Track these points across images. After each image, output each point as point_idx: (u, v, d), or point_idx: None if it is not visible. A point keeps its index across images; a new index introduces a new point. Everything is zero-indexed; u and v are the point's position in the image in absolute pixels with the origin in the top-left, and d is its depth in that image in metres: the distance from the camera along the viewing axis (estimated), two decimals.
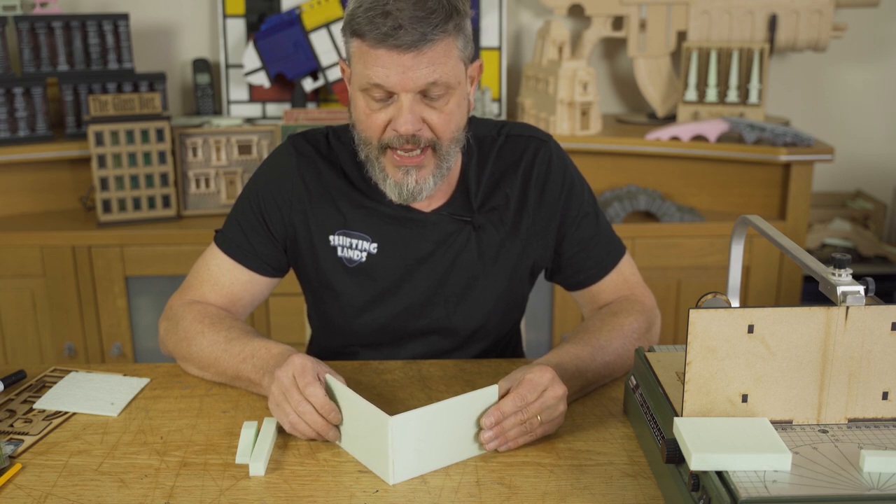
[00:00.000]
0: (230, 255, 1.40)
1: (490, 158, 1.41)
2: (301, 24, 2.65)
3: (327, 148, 1.41)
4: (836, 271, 0.99)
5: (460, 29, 1.24)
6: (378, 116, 1.25)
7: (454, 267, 1.40)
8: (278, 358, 1.21)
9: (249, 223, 1.40)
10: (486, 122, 1.45)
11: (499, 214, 1.40)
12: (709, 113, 2.67)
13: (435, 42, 1.20)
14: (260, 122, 2.75)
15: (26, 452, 1.14)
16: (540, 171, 1.41)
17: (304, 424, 1.13)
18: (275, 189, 1.40)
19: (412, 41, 1.18)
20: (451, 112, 1.26)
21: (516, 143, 1.43)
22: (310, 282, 1.45)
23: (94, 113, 2.43)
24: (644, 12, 2.75)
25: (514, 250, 1.41)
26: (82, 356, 2.50)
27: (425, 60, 1.20)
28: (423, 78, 1.21)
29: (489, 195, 1.40)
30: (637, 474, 1.08)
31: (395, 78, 1.21)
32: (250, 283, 1.42)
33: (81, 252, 2.42)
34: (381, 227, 1.38)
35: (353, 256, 1.39)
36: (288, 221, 1.40)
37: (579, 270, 1.45)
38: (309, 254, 1.41)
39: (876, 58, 3.01)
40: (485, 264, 1.40)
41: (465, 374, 1.36)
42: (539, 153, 1.42)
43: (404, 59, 1.20)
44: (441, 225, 1.39)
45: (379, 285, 1.39)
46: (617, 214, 2.50)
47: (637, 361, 1.19)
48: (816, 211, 2.95)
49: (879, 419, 1.02)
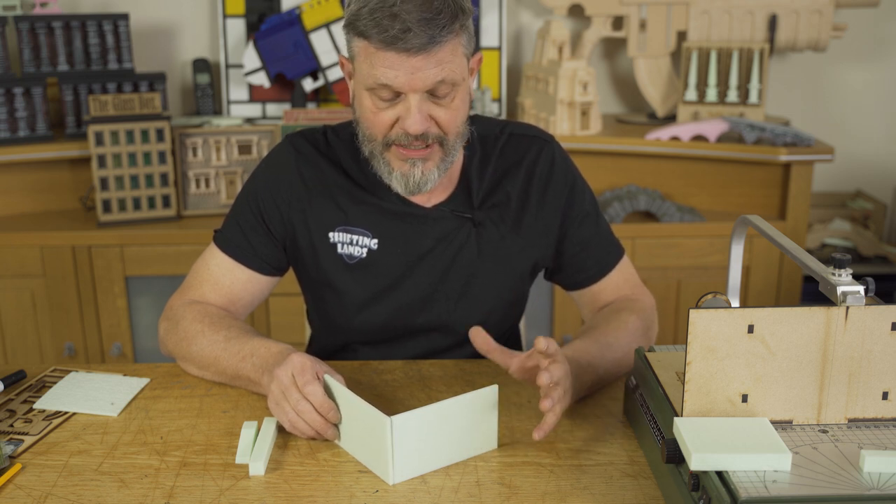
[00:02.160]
0: (230, 255, 1.40)
1: (493, 156, 1.42)
2: (301, 24, 2.65)
3: (326, 145, 1.42)
4: (836, 271, 0.99)
5: (465, 27, 1.25)
6: (385, 115, 1.26)
7: (454, 263, 1.40)
8: (278, 357, 1.21)
9: (248, 223, 1.40)
10: (489, 120, 1.46)
11: (499, 212, 1.41)
12: (709, 113, 2.68)
13: (443, 43, 1.20)
14: (260, 122, 2.75)
15: (26, 452, 1.14)
16: (543, 170, 1.42)
17: (303, 423, 1.13)
18: (273, 188, 1.40)
19: (421, 44, 1.18)
20: (457, 108, 1.27)
21: (520, 141, 1.43)
22: (310, 280, 1.45)
23: (94, 113, 2.43)
24: (644, 12, 2.75)
25: (515, 248, 1.42)
26: (82, 356, 2.50)
27: (433, 61, 1.21)
28: (431, 78, 1.21)
29: (491, 193, 1.41)
30: (637, 474, 1.08)
31: (404, 79, 1.21)
32: (250, 282, 1.42)
33: (81, 252, 2.42)
34: (381, 222, 1.38)
35: (353, 252, 1.39)
36: (287, 220, 1.40)
37: (580, 270, 1.46)
38: (309, 252, 1.41)
39: (876, 58, 3.01)
40: (485, 261, 1.40)
41: (465, 374, 1.36)
42: (543, 153, 1.43)
43: (413, 61, 1.20)
44: (442, 221, 1.39)
45: (380, 282, 1.39)
46: (617, 214, 2.50)
47: (637, 361, 1.19)
48: (816, 211, 2.95)
49: (879, 419, 1.02)
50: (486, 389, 1.11)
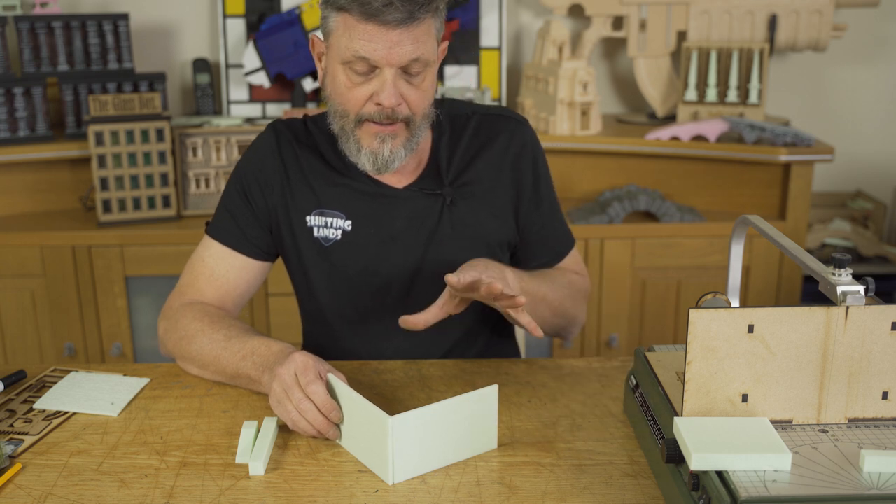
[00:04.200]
0: (221, 242, 1.43)
1: (465, 135, 1.46)
2: (301, 24, 2.65)
3: (305, 132, 1.46)
4: (836, 271, 0.99)
5: (440, 11, 1.30)
6: (360, 90, 1.30)
7: (430, 242, 1.42)
8: (278, 355, 1.21)
9: (237, 206, 1.44)
10: (459, 102, 1.51)
11: (471, 189, 1.44)
12: (709, 113, 2.67)
13: (420, 21, 1.25)
14: (260, 122, 2.74)
15: (26, 452, 1.14)
16: (515, 150, 1.46)
17: (304, 422, 1.14)
18: (257, 169, 1.44)
19: (401, 18, 1.23)
20: (426, 89, 1.32)
21: (494, 121, 1.48)
22: (293, 266, 1.47)
23: (94, 113, 2.43)
24: (644, 12, 2.75)
25: (490, 225, 1.45)
26: (82, 356, 2.50)
27: (410, 37, 1.25)
28: (407, 54, 1.26)
29: (463, 171, 1.44)
30: (637, 474, 1.08)
31: (382, 52, 1.25)
32: (244, 269, 1.44)
33: (81, 252, 2.42)
34: (354, 202, 1.41)
35: (328, 235, 1.42)
36: (270, 203, 1.43)
37: (535, 257, 1.51)
38: (289, 237, 1.44)
39: (876, 58, 3.01)
40: (460, 238, 1.43)
41: (465, 374, 1.36)
42: (516, 133, 1.47)
43: (392, 34, 1.24)
44: (413, 200, 1.42)
45: (356, 263, 1.42)
46: (617, 214, 2.50)
47: (637, 361, 1.19)
48: (816, 211, 2.94)
49: (879, 419, 1.02)
50: (485, 389, 1.11)
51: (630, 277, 2.50)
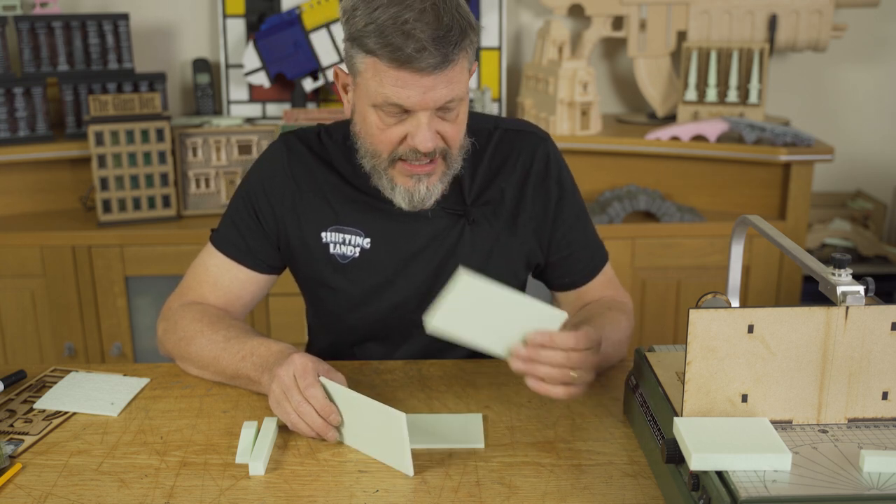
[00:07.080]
0: (227, 255, 1.41)
1: (486, 153, 1.41)
2: (301, 24, 2.65)
3: (319, 145, 1.41)
4: (836, 271, 0.99)
5: (473, 44, 1.24)
6: (392, 132, 1.25)
7: (449, 261, 1.39)
8: (278, 356, 1.21)
9: (244, 221, 1.41)
10: (481, 116, 1.45)
11: (493, 209, 1.40)
12: (709, 113, 2.67)
13: (455, 62, 1.20)
14: (260, 122, 2.75)
15: (26, 452, 1.14)
16: (538, 167, 1.41)
17: (303, 424, 1.14)
18: (267, 186, 1.40)
19: (435, 63, 1.17)
20: (461, 122, 1.28)
21: (514, 137, 1.43)
22: (305, 279, 1.45)
23: (94, 113, 2.43)
24: (644, 12, 2.75)
25: (510, 245, 1.41)
26: (82, 356, 2.50)
27: (444, 80, 1.20)
28: (442, 97, 1.21)
29: (484, 189, 1.40)
30: (637, 474, 1.08)
31: (416, 98, 1.20)
32: (248, 281, 1.42)
33: (81, 252, 2.42)
34: (374, 221, 1.38)
35: (346, 252, 1.39)
36: (280, 219, 1.40)
37: (567, 273, 1.46)
38: (302, 251, 1.41)
39: (876, 58, 3.01)
40: (480, 258, 1.40)
41: (465, 374, 1.36)
42: (538, 150, 1.42)
43: (425, 80, 1.19)
44: (435, 220, 1.39)
45: (373, 280, 1.39)
46: (617, 214, 2.50)
47: (637, 361, 1.19)
48: (816, 211, 2.95)
49: (879, 419, 1.02)
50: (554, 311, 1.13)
51: (630, 277, 2.50)
